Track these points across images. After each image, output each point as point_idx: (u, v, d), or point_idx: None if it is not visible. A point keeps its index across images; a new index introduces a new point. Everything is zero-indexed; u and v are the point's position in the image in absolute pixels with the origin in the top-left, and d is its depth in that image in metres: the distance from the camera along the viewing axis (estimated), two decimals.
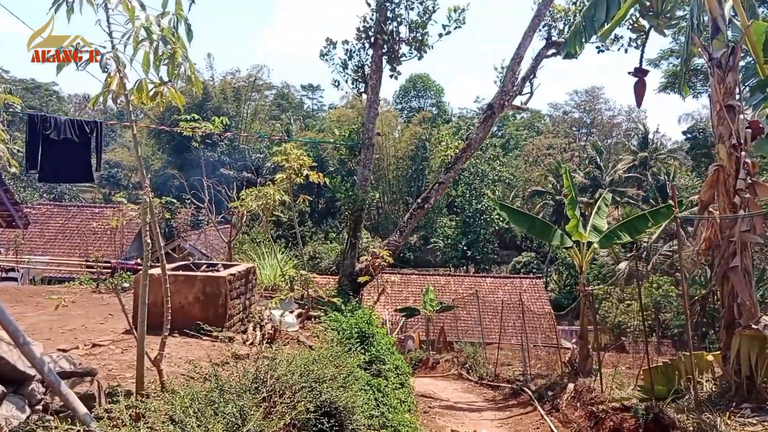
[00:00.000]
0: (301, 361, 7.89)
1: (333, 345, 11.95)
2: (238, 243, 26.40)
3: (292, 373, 7.27)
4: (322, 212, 65.05)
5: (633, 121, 79.96)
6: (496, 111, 17.06)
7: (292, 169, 12.17)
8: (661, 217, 14.65)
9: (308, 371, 7.59)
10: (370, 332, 11.95)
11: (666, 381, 9.46)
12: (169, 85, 5.77)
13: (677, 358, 9.55)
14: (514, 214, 15.98)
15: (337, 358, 9.58)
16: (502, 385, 17.44)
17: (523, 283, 42.06)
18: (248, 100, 64.68)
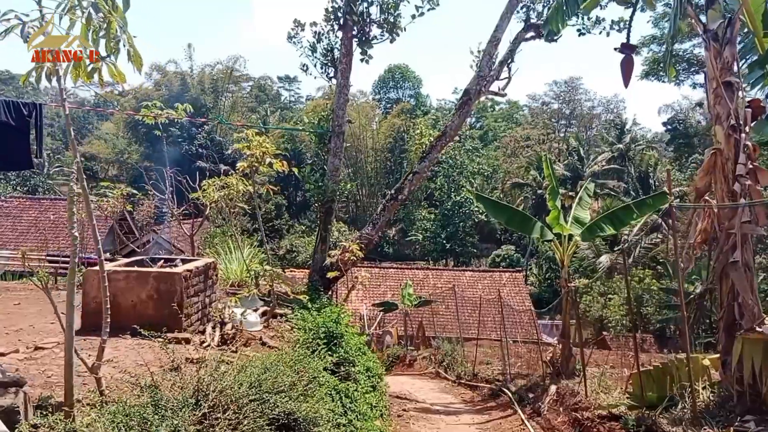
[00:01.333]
0: (254, 368, 7.07)
1: (298, 346, 11.13)
2: (208, 236, 25.44)
3: (240, 383, 6.44)
4: (300, 205, 64.01)
5: (611, 112, 79.73)
6: (473, 97, 16.25)
7: (254, 157, 11.29)
8: (646, 207, 13.98)
9: (260, 381, 6.76)
10: (338, 332, 11.13)
11: (657, 387, 8.74)
12: (108, 61, 5.07)
13: (669, 361, 8.80)
14: (492, 205, 15.16)
15: (298, 362, 8.77)
16: (481, 386, 16.73)
17: (503, 277, 41.45)
18: (225, 91, 63.47)
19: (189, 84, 59.40)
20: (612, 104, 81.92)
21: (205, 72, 62.76)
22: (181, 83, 58.34)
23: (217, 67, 63.28)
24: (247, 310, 11.48)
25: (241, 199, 12.79)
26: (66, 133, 52.83)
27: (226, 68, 63.55)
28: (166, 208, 16.05)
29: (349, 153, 66.25)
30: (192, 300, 10.30)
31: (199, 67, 63.25)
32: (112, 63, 5.11)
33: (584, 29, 17.63)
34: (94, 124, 69.76)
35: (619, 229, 14.52)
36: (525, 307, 38.98)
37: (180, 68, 61.42)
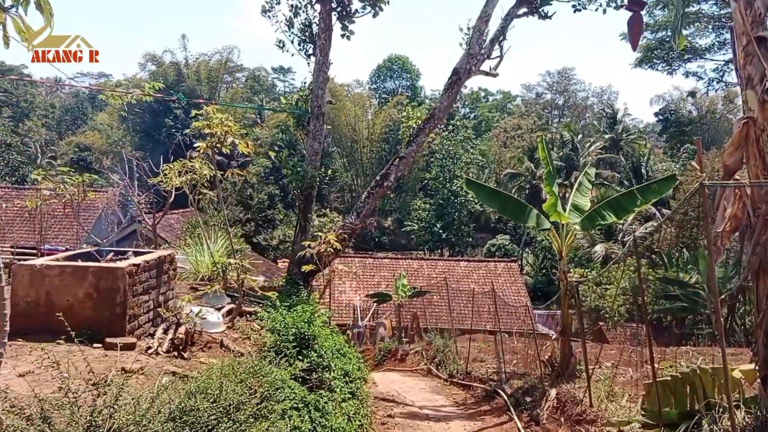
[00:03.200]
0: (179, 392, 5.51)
1: (264, 351, 9.57)
2: (189, 226, 23.77)
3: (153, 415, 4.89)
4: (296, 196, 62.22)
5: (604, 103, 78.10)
6: (462, 77, 14.66)
7: (216, 137, 9.70)
8: (652, 193, 12.38)
9: (183, 410, 5.21)
10: (310, 333, 9.56)
11: (678, 401, 7.18)
12: (12, 13, 4.21)
13: (692, 370, 7.22)
14: (484, 192, 13.49)
15: (253, 373, 7.22)
16: (474, 385, 15.18)
17: (498, 267, 39.92)
18: (221, 82, 61.60)
19: (185, 74, 57.57)
20: (605, 94, 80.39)
21: (200, 62, 60.86)
22: (177, 74, 56.56)
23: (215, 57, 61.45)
24: (208, 309, 9.91)
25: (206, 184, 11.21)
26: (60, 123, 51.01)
27: (221, 58, 61.66)
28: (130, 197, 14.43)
29: (345, 143, 64.64)
30: (141, 299, 8.74)
31: (195, 57, 61.51)
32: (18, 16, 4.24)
33: (580, 5, 15.99)
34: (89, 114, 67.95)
35: (622, 217, 12.92)
36: (520, 297, 37.54)
37: (176, 58, 59.58)
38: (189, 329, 8.75)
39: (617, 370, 14.75)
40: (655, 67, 38.00)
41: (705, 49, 37.22)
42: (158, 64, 59.02)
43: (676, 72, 38.57)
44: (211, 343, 9.34)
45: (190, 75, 58.24)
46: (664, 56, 36.98)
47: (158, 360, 7.95)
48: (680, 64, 37.74)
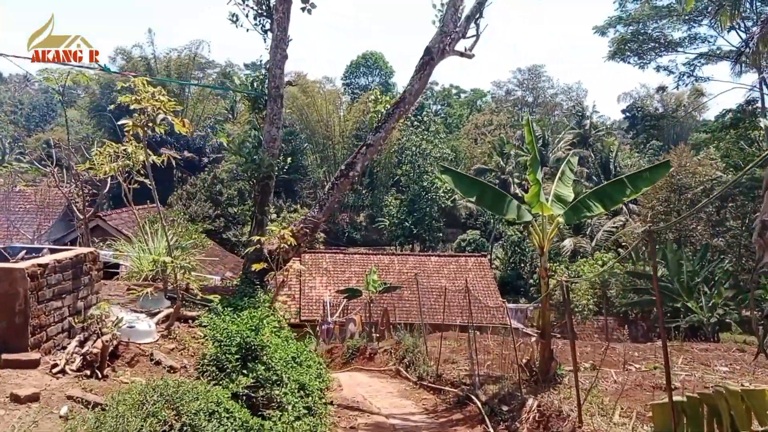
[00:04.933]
0: None
1: (205, 363, 7.94)
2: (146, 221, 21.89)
3: None
4: None
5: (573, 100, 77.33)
6: (435, 57, 13.11)
7: (145, 114, 8.02)
8: (643, 182, 11.01)
9: None
10: (257, 343, 7.95)
11: (693, 427, 5.71)
12: None
13: (715, 391, 5.75)
14: (461, 179, 11.86)
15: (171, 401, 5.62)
16: (446, 389, 13.66)
17: (468, 262, 38.61)
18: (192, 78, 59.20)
19: (155, 69, 55.25)
20: (573, 91, 79.58)
21: (171, 57, 58.47)
22: (146, 69, 54.25)
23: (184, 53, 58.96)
24: (138, 315, 8.25)
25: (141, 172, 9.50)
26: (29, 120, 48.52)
27: (189, 53, 59.23)
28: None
29: (317, 139, 62.90)
30: (50, 305, 7.04)
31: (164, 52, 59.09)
32: None
33: None
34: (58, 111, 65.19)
35: (610, 209, 11.49)
36: (491, 292, 36.26)
37: (144, 53, 57.14)
38: (107, 342, 7.08)
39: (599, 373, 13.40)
40: (627, 60, 37.01)
41: (677, 43, 36.25)
42: (127, 59, 56.60)
43: (648, 66, 37.58)
44: (139, 357, 7.70)
45: (159, 70, 55.94)
46: (636, 49, 35.96)
47: (64, 381, 6.29)
48: (652, 57, 36.75)
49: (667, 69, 38.34)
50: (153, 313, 8.82)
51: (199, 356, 8.02)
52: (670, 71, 38.40)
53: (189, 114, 58.26)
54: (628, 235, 47.44)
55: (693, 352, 17.09)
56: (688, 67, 37.76)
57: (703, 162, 39.37)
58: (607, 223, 50.21)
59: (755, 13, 31.32)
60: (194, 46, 59.64)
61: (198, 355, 8.11)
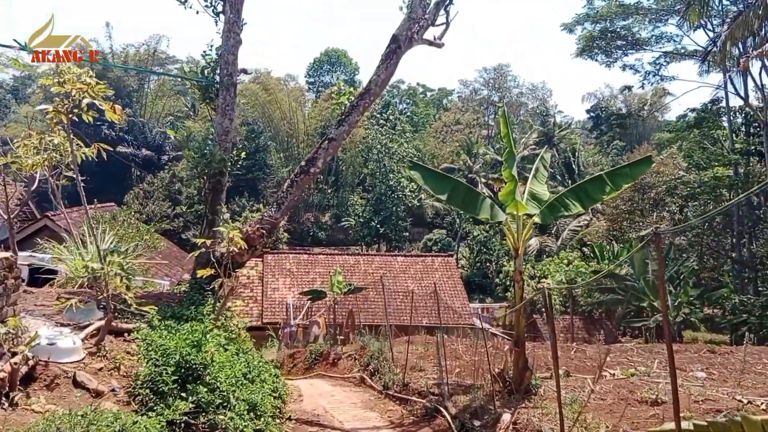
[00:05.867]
0: None
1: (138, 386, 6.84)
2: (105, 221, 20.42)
3: None
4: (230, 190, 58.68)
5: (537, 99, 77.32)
6: (402, 45, 12.15)
7: (70, 99, 6.88)
8: (623, 179, 10.20)
9: None
10: (198, 361, 6.87)
11: None
12: None
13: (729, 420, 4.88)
14: (431, 176, 10.78)
15: None
16: (413, 400, 12.70)
17: (435, 262, 37.72)
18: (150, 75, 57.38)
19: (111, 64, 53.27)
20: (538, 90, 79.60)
21: (128, 52, 56.42)
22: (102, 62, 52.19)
23: (142, 48, 57.02)
24: (60, 330, 7.12)
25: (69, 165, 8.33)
26: None
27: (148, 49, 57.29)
28: None
29: (281, 137, 61.56)
30: None
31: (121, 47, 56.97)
32: None
33: None
34: (12, 108, 62.69)
35: (589, 207, 10.66)
36: (457, 292, 35.48)
37: (101, 47, 55.06)
38: (17, 364, 5.95)
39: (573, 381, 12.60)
40: (595, 58, 36.75)
41: (644, 41, 36.04)
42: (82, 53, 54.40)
43: (614, 65, 37.34)
44: (60, 379, 6.57)
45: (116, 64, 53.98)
46: (604, 47, 35.66)
47: None
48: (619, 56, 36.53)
49: (633, 68, 38.30)
50: (82, 327, 7.71)
51: (132, 377, 6.93)
52: (636, 70, 38.39)
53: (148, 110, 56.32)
54: (592, 234, 47.28)
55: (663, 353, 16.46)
56: (653, 66, 37.72)
57: (666, 161, 39.37)
58: (572, 223, 49.98)
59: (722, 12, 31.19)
60: (153, 41, 57.83)
61: (132, 375, 7.02)
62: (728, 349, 17.39)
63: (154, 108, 56.14)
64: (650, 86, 42.28)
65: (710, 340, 26.77)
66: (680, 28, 34.10)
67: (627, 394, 10.72)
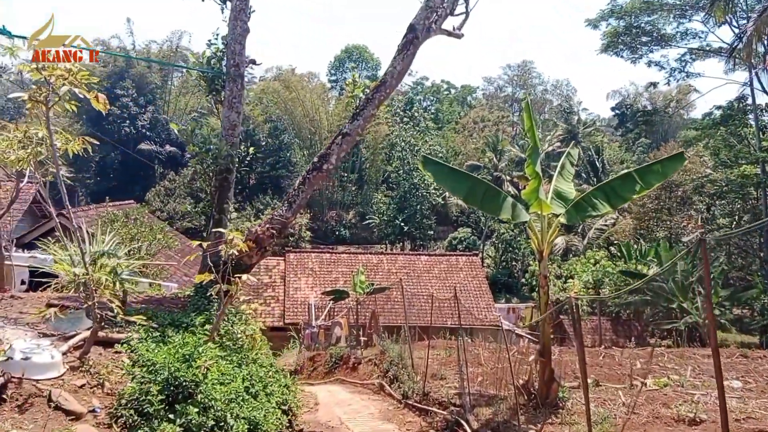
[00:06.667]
0: None
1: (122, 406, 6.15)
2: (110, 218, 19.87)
3: None
4: (254, 188, 58.41)
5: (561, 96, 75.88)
6: (420, 35, 11.34)
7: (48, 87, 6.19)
8: (654, 176, 9.31)
9: None
10: (189, 378, 6.16)
11: None
12: None
13: None
14: (447, 174, 9.91)
15: None
16: (433, 410, 11.92)
17: (460, 261, 36.84)
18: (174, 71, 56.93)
19: (133, 61, 52.94)
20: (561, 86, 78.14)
21: (150, 49, 56.08)
22: (126, 60, 52.04)
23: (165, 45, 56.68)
24: (37, 343, 6.45)
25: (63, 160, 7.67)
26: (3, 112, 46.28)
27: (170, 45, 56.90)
28: None
29: (304, 135, 61.04)
30: None
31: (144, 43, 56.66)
32: None
33: None
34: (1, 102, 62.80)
35: (618, 207, 9.76)
36: (482, 292, 34.57)
37: (123, 44, 54.82)
38: (5, 374, 5.29)
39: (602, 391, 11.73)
40: (620, 54, 35.61)
41: (669, 38, 34.84)
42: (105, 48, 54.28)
43: (639, 61, 36.18)
44: (34, 399, 5.90)
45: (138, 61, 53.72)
46: (629, 43, 34.53)
47: None
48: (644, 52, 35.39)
49: (658, 64, 37.13)
50: (68, 337, 7.06)
51: (117, 395, 6.23)
52: (661, 66, 37.25)
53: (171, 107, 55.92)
54: (619, 233, 46.01)
55: (696, 359, 15.50)
56: (679, 62, 36.52)
57: (692, 159, 38.19)
58: (599, 221, 48.70)
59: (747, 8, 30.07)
60: (175, 38, 57.41)
61: (117, 393, 6.32)
62: (761, 353, 16.41)
63: (177, 104, 55.84)
64: (676, 83, 41.13)
65: (740, 342, 25.74)
66: (705, 25, 33.11)
67: (661, 410, 9.84)
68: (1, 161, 7.77)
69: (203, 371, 6.39)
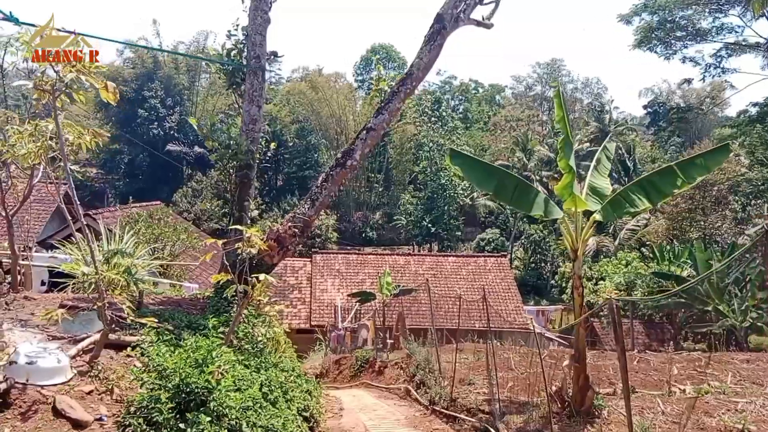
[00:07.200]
0: None
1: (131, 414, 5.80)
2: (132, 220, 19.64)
3: None
4: (281, 189, 58.39)
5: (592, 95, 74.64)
6: (448, 25, 10.91)
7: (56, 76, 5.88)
8: (697, 170, 8.72)
9: None
10: (201, 385, 5.79)
11: None
12: None
13: None
14: (475, 167, 9.30)
15: None
16: (461, 418, 11.45)
17: (488, 263, 36.25)
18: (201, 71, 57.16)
19: (161, 62, 53.20)
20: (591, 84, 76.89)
21: (179, 49, 56.42)
22: (153, 61, 52.32)
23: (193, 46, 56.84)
24: (44, 346, 6.14)
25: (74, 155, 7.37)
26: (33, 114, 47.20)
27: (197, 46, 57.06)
28: None
29: (331, 135, 60.88)
30: None
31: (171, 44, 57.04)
32: None
33: None
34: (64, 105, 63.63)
35: (658, 203, 9.18)
36: (511, 294, 33.96)
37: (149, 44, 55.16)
38: (7, 380, 4.98)
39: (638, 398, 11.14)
40: (654, 50, 34.70)
41: (705, 32, 33.84)
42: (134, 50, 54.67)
43: (673, 57, 35.18)
44: (38, 405, 5.58)
45: (166, 62, 53.89)
46: (663, 38, 33.61)
47: None
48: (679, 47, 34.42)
49: (693, 60, 36.12)
50: (78, 340, 6.76)
51: (125, 402, 5.90)
52: (696, 62, 36.23)
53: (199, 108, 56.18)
54: (651, 233, 44.96)
55: (735, 364, 14.79)
56: (715, 58, 35.46)
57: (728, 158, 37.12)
58: (630, 221, 47.67)
59: None
60: (201, 38, 57.65)
61: (126, 399, 5.99)
62: None
63: (205, 106, 56.08)
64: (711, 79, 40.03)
65: None
66: (742, 19, 32.11)
67: (704, 419, 9.24)
68: (11, 156, 7.52)
69: (217, 377, 6.03)
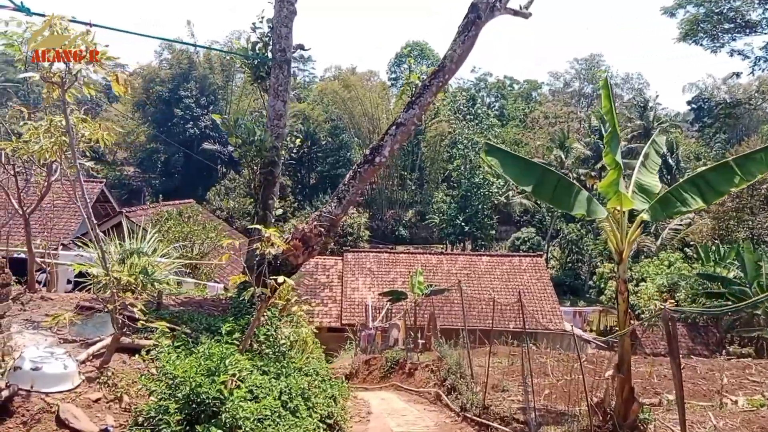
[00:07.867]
0: None
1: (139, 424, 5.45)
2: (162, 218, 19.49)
3: None
4: (314, 187, 58.29)
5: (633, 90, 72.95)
6: (483, 14, 10.37)
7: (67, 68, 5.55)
8: (755, 165, 8.09)
9: None
10: (212, 395, 5.41)
11: None
12: None
13: None
14: (513, 162, 8.68)
15: None
16: (494, 426, 10.93)
17: (523, 263, 35.49)
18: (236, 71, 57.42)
19: (196, 62, 53.58)
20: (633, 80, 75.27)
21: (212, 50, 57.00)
22: (189, 61, 52.69)
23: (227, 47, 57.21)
24: (50, 351, 5.82)
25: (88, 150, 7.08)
26: None
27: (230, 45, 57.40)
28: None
29: (363, 133, 60.57)
30: None
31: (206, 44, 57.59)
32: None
33: None
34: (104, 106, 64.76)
35: (712, 202, 8.57)
36: (546, 295, 33.18)
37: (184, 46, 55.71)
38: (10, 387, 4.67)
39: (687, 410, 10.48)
40: (700, 42, 33.44)
41: (754, 25, 32.52)
42: (171, 51, 55.10)
43: (721, 50, 33.95)
44: (41, 414, 5.26)
45: (201, 63, 54.22)
46: (710, 30, 32.40)
47: None
48: (726, 40, 33.14)
49: (741, 53, 34.75)
50: (90, 343, 6.46)
51: (133, 412, 5.55)
52: (745, 56, 34.87)
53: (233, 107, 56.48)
54: (695, 233, 43.63)
55: None
56: (765, 51, 34.04)
57: None
58: (673, 221, 46.37)
59: None
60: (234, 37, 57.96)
61: (134, 409, 5.65)
62: None
63: (240, 105, 56.33)
64: (760, 72, 38.52)
65: None
66: None
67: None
68: (24, 152, 7.26)
69: (230, 386, 5.65)
